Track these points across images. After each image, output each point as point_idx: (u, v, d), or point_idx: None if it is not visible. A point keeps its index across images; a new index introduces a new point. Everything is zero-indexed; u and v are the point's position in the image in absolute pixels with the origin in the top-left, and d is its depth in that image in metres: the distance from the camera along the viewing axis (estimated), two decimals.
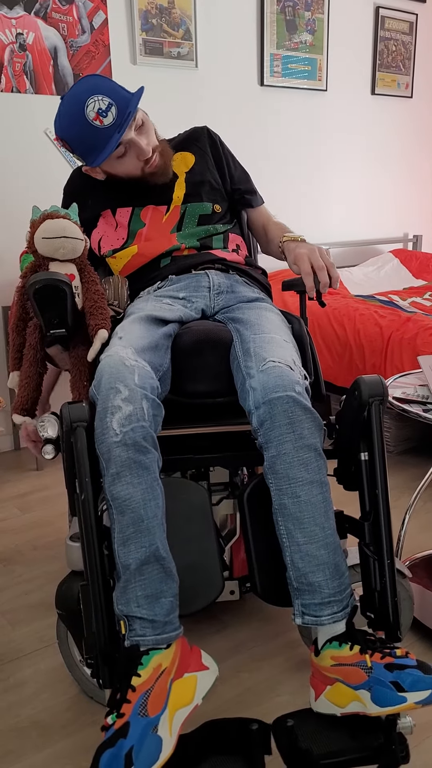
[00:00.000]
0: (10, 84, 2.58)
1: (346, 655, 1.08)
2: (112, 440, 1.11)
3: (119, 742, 0.93)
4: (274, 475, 1.17)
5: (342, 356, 2.75)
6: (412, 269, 3.78)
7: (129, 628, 1.08)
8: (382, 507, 1.19)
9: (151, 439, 1.14)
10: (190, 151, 1.67)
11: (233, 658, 1.55)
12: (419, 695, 0.98)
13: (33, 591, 1.85)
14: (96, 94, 1.45)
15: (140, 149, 1.51)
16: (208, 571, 1.21)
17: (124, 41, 2.85)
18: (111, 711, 0.99)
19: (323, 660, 1.12)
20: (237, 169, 1.74)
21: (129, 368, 1.17)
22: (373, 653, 1.06)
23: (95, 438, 1.13)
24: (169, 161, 1.60)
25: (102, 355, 1.23)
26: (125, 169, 1.56)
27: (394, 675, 1.00)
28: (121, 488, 1.10)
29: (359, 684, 1.03)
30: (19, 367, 1.40)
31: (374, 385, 1.21)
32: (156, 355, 1.29)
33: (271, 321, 1.38)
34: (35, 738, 1.35)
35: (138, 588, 1.08)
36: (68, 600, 1.28)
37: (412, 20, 3.86)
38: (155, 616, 1.08)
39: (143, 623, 1.07)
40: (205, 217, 1.62)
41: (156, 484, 1.14)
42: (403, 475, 2.48)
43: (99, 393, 1.15)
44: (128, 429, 1.11)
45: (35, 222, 1.34)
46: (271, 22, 3.27)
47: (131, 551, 1.09)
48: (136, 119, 1.50)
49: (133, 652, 1.06)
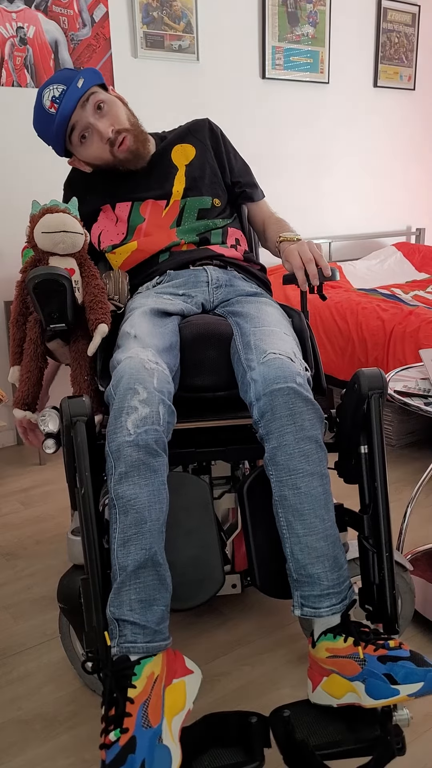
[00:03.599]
0: (10, 78, 2.57)
1: (341, 647, 1.09)
2: (124, 439, 1.10)
3: (129, 758, 0.90)
4: (275, 467, 1.17)
5: (344, 350, 2.74)
6: (414, 262, 3.77)
7: (119, 634, 1.05)
8: (381, 500, 1.19)
9: (163, 443, 1.14)
10: (191, 143, 1.67)
11: (235, 651, 1.55)
12: (412, 688, 0.98)
13: (35, 585, 1.86)
14: (52, 84, 1.50)
15: (98, 131, 1.52)
16: (210, 565, 1.21)
17: (125, 34, 2.84)
18: (109, 727, 0.96)
19: (319, 652, 1.13)
20: (238, 161, 1.73)
21: (149, 371, 1.16)
22: (366, 645, 1.06)
23: (107, 435, 1.13)
24: (144, 146, 1.59)
25: (120, 355, 1.21)
26: (92, 153, 1.57)
27: (386, 667, 1.00)
28: (127, 488, 1.10)
29: (354, 675, 1.04)
30: (19, 362, 1.41)
31: (374, 378, 1.21)
32: (171, 355, 1.29)
33: (271, 314, 1.38)
34: (39, 730, 1.35)
35: (132, 591, 1.07)
36: (70, 594, 1.28)
37: (415, 12, 3.84)
38: (147, 622, 1.06)
39: (135, 629, 1.05)
40: (204, 211, 1.62)
41: (163, 488, 1.13)
42: (405, 468, 2.48)
43: (116, 393, 1.14)
44: (142, 431, 1.11)
45: (35, 216, 1.34)
46: (273, 15, 3.26)
47: (130, 552, 1.08)
48: (91, 101, 1.51)
49: (123, 663, 1.03)
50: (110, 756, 0.92)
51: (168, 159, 1.64)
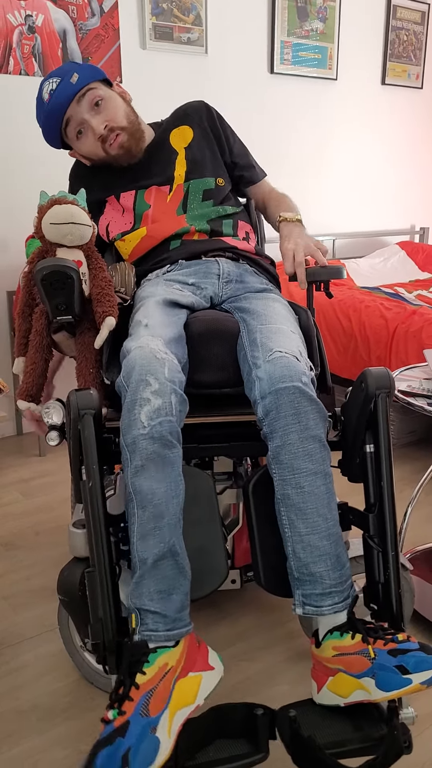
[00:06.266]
0: (18, 66, 2.56)
1: (348, 644, 1.09)
2: (139, 432, 1.10)
3: (117, 741, 0.92)
4: (278, 465, 1.17)
5: (347, 348, 2.74)
6: (418, 262, 3.76)
7: (141, 622, 1.07)
8: (387, 499, 1.19)
9: (177, 434, 1.14)
10: (188, 125, 1.67)
11: (234, 647, 1.55)
12: (424, 675, 0.98)
13: (34, 576, 1.85)
14: (52, 77, 1.52)
15: (91, 128, 1.53)
16: (214, 556, 1.21)
17: (133, 25, 2.82)
18: (112, 705, 0.98)
19: (324, 651, 1.12)
20: (236, 143, 1.73)
21: (160, 361, 1.15)
22: (375, 641, 1.06)
23: (121, 429, 1.13)
24: (138, 144, 1.60)
25: (130, 344, 1.21)
26: (86, 149, 1.58)
27: (398, 659, 1.00)
28: (144, 481, 1.10)
29: (362, 672, 1.04)
30: (25, 353, 1.40)
31: (381, 378, 1.20)
32: (180, 346, 1.29)
33: (278, 312, 1.38)
34: (35, 721, 1.36)
35: (152, 582, 1.08)
36: (70, 586, 1.28)
37: (424, 10, 3.82)
38: (167, 611, 1.07)
39: (155, 617, 1.06)
40: (209, 192, 1.61)
41: (180, 480, 1.14)
42: (406, 467, 2.48)
43: (129, 384, 1.14)
44: (156, 422, 1.11)
45: (43, 207, 1.33)
46: (283, 9, 3.24)
47: (150, 546, 1.09)
48: (87, 97, 1.52)
49: (141, 648, 1.05)
50: (103, 734, 0.94)
51: (167, 144, 1.64)
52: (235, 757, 1.02)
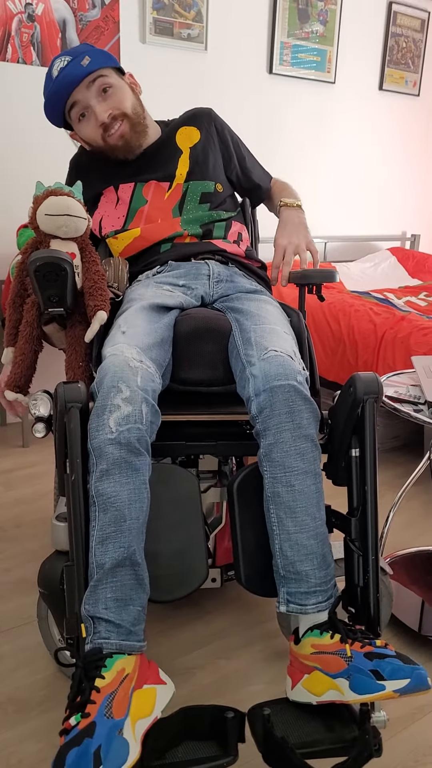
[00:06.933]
0: (16, 54, 2.54)
1: (327, 643, 1.09)
2: (106, 437, 1.10)
3: (85, 741, 0.89)
4: (270, 463, 1.17)
5: (335, 351, 2.75)
6: (408, 268, 3.79)
7: (94, 630, 1.04)
8: (370, 504, 1.20)
9: (146, 442, 1.13)
10: (197, 127, 1.67)
11: (211, 645, 1.56)
12: (398, 684, 0.98)
13: (14, 568, 1.84)
14: (63, 56, 1.53)
15: (95, 114, 1.54)
16: (194, 558, 1.21)
17: (134, 19, 2.81)
18: (72, 713, 0.95)
19: (303, 648, 1.13)
20: (247, 156, 1.75)
21: (133, 369, 1.15)
22: (353, 642, 1.06)
23: (89, 433, 1.13)
24: (139, 137, 1.60)
25: (106, 351, 1.21)
26: (87, 133, 1.59)
27: (373, 663, 1.01)
28: (108, 485, 1.09)
29: (338, 672, 1.04)
30: (14, 344, 1.39)
31: (370, 383, 1.21)
32: (161, 351, 1.28)
33: (271, 313, 1.38)
34: (11, 714, 1.35)
35: (108, 590, 1.06)
36: (51, 579, 1.28)
37: (425, 18, 3.84)
38: (122, 621, 1.05)
39: (109, 626, 1.04)
40: (207, 195, 1.61)
41: (144, 487, 1.12)
42: (389, 472, 2.50)
43: (100, 390, 1.14)
44: (124, 429, 1.10)
45: (38, 198, 1.32)
46: (284, 10, 3.24)
47: (108, 550, 1.07)
48: (97, 83, 1.52)
49: (95, 654, 1.02)
50: (68, 738, 0.91)
51: (173, 141, 1.64)
52: (204, 759, 1.01)
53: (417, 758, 1.26)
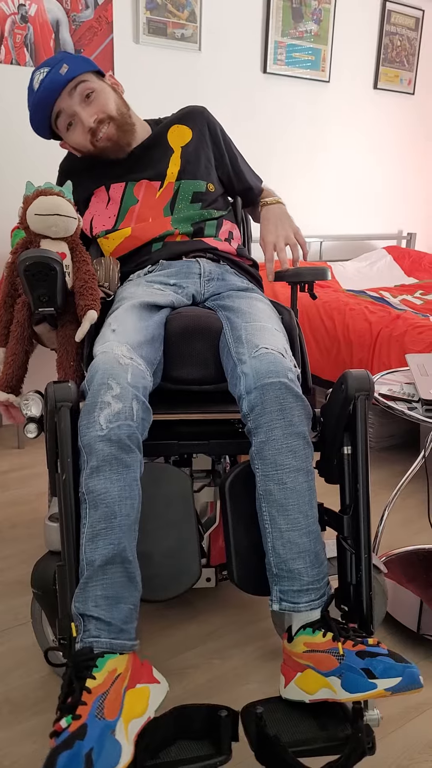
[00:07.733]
0: (9, 56, 2.54)
1: (319, 641, 1.09)
2: (96, 434, 1.09)
3: (77, 744, 0.87)
4: (262, 461, 1.17)
5: (330, 350, 2.75)
6: (404, 267, 3.78)
7: (84, 629, 1.03)
8: (362, 501, 1.20)
9: (137, 439, 1.13)
10: (189, 126, 1.67)
11: (205, 645, 1.55)
12: (389, 682, 0.98)
13: (8, 569, 1.84)
14: (42, 67, 1.52)
15: (81, 120, 1.54)
16: (186, 558, 1.21)
17: (127, 19, 2.81)
18: (63, 715, 0.93)
19: (296, 646, 1.13)
20: (237, 158, 1.74)
21: (123, 366, 1.15)
22: (345, 641, 1.06)
23: (79, 430, 1.12)
24: (126, 137, 1.59)
25: (96, 349, 1.21)
26: (75, 140, 1.59)
27: (365, 662, 1.00)
28: (98, 482, 1.08)
29: (330, 671, 1.04)
30: (5, 344, 1.39)
31: (361, 380, 1.21)
32: (151, 348, 1.28)
33: (262, 310, 1.38)
34: (6, 714, 1.35)
35: (99, 587, 1.05)
36: (44, 580, 1.28)
37: (419, 16, 3.84)
38: (112, 619, 1.04)
39: (99, 624, 1.03)
40: (198, 195, 1.61)
41: (135, 484, 1.12)
42: (384, 471, 2.50)
43: (90, 388, 1.13)
44: (114, 425, 1.10)
45: (28, 198, 1.32)
46: (278, 9, 3.24)
47: (98, 547, 1.06)
48: (79, 89, 1.52)
49: (86, 654, 1.01)
50: (59, 740, 0.89)
51: (164, 140, 1.64)
52: (198, 758, 1.01)
53: (411, 756, 1.26)
